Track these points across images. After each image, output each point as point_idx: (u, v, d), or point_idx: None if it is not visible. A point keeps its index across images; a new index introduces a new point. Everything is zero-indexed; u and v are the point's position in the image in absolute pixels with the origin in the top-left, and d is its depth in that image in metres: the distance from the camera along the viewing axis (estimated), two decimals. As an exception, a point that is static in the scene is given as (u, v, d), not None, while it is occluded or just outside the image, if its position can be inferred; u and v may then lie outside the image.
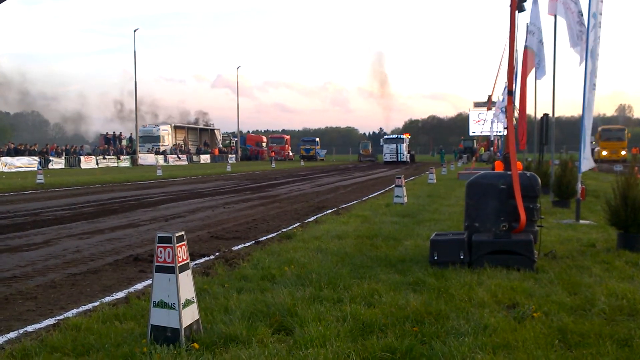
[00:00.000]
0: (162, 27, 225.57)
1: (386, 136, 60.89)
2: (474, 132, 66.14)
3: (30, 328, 4.44)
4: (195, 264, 6.69)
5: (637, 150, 46.52)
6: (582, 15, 10.08)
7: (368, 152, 69.59)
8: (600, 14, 9.37)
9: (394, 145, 55.27)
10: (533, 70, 13.60)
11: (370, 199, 15.32)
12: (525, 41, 13.53)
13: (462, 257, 6.00)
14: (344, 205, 13.64)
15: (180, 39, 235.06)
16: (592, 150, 10.15)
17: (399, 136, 59.14)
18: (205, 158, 61.66)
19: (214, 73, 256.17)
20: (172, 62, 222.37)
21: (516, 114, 12.52)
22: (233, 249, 7.75)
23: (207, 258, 7.15)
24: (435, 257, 6.07)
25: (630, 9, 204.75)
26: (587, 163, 9.64)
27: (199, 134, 71.02)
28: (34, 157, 39.21)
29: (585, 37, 9.35)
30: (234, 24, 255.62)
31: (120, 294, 5.45)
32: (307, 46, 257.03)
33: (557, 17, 9.82)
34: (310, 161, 65.59)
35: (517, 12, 7.66)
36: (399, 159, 54.69)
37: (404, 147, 55.81)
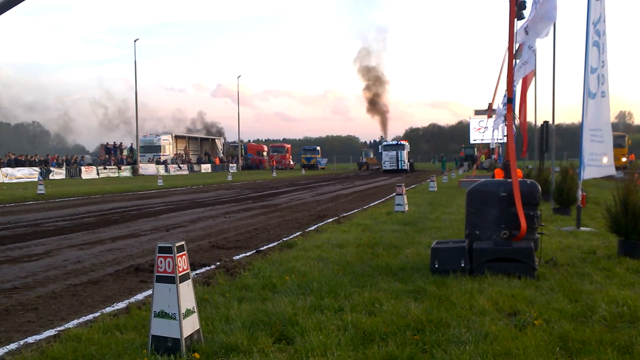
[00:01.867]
0: (162, 37, 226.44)
1: (385, 142, 57.53)
2: (475, 140, 65.95)
3: (30, 339, 4.44)
4: (196, 274, 6.70)
5: (634, 157, 46.36)
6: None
7: (374, 160, 67.71)
8: (604, 21, 9.40)
9: (394, 152, 51.90)
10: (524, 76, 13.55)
11: (371, 208, 15.33)
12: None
13: (463, 265, 6.00)
14: (344, 214, 13.64)
15: (180, 48, 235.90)
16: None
17: (399, 142, 55.69)
18: (206, 167, 61.66)
19: (214, 82, 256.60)
20: (171, 71, 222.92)
21: (516, 121, 12.55)
22: (234, 258, 7.75)
23: (207, 268, 7.15)
24: (436, 265, 6.07)
25: (630, 15, 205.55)
26: (594, 170, 9.51)
27: (199, 144, 71.08)
28: (35, 168, 39.22)
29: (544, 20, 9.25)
30: (234, 33, 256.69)
31: (121, 304, 5.45)
32: (307, 55, 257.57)
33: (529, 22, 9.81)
34: (311, 170, 65.47)
35: (516, 20, 7.74)
36: (400, 167, 51.36)
37: (405, 154, 52.50)
